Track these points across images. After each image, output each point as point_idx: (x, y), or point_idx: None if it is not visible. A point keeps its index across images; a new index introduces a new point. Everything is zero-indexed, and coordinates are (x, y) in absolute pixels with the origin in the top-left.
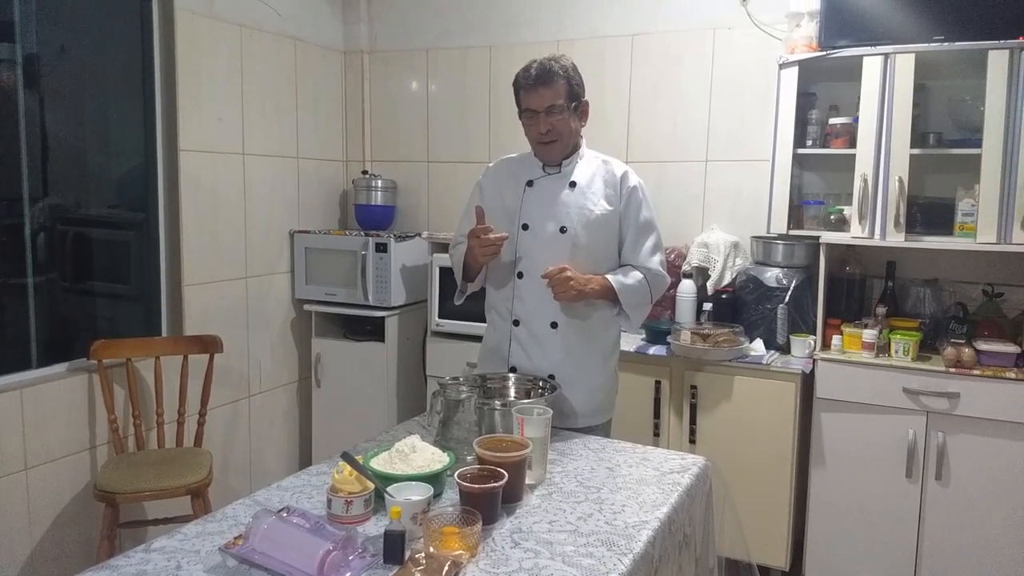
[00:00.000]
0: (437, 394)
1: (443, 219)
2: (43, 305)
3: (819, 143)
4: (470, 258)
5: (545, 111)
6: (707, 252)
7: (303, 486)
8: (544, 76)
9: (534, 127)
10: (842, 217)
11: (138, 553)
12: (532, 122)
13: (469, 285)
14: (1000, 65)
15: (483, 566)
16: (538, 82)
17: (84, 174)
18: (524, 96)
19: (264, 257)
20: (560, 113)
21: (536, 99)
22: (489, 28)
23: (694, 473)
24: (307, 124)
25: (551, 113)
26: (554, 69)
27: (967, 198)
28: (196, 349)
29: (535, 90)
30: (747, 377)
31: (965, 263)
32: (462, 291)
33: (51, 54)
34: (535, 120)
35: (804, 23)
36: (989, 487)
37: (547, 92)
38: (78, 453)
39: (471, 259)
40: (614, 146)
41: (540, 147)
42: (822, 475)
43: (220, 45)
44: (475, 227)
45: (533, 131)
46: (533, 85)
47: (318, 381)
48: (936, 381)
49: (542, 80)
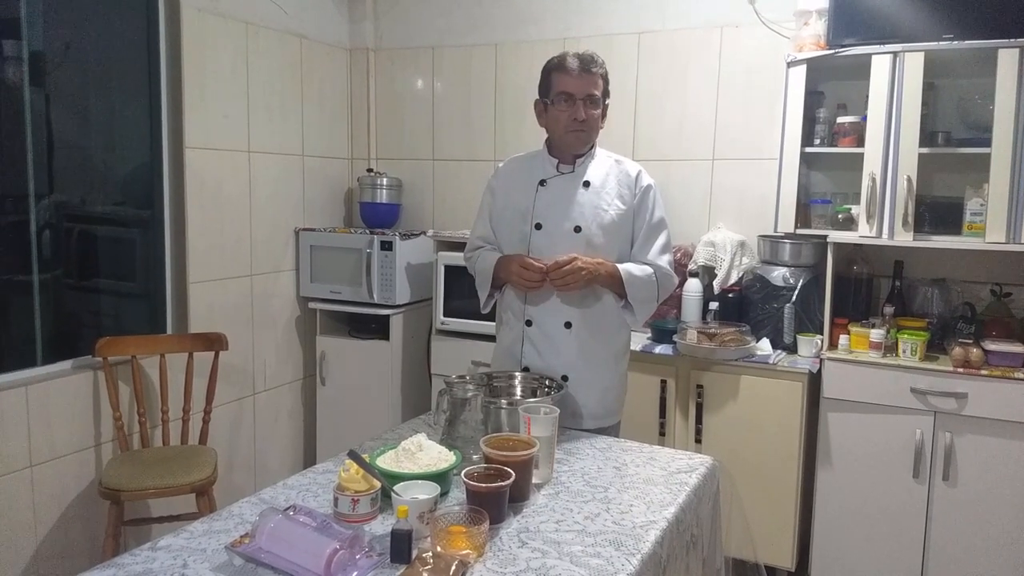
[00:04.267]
0: (443, 392)
1: (448, 217)
2: (48, 302)
3: (827, 142)
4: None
5: (584, 99)
6: (713, 251)
7: (309, 484)
8: (589, 64)
9: (568, 113)
10: (850, 216)
11: (144, 551)
12: (568, 108)
13: (497, 292)
14: (1010, 64)
15: (490, 565)
16: (583, 69)
17: (89, 171)
18: (563, 80)
19: (269, 255)
20: (596, 106)
21: (578, 84)
22: (494, 26)
23: (701, 473)
24: (312, 122)
25: (589, 103)
26: (597, 60)
27: (976, 197)
28: (201, 346)
29: (579, 76)
30: (754, 377)
31: (973, 263)
32: (491, 297)
33: (57, 51)
34: (573, 106)
35: (812, 21)
36: (997, 488)
37: (589, 80)
38: (83, 450)
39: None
40: (620, 144)
41: (570, 135)
42: (829, 475)
43: (226, 42)
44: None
45: (566, 116)
46: (578, 70)
47: (323, 379)
48: (944, 381)
49: (586, 67)
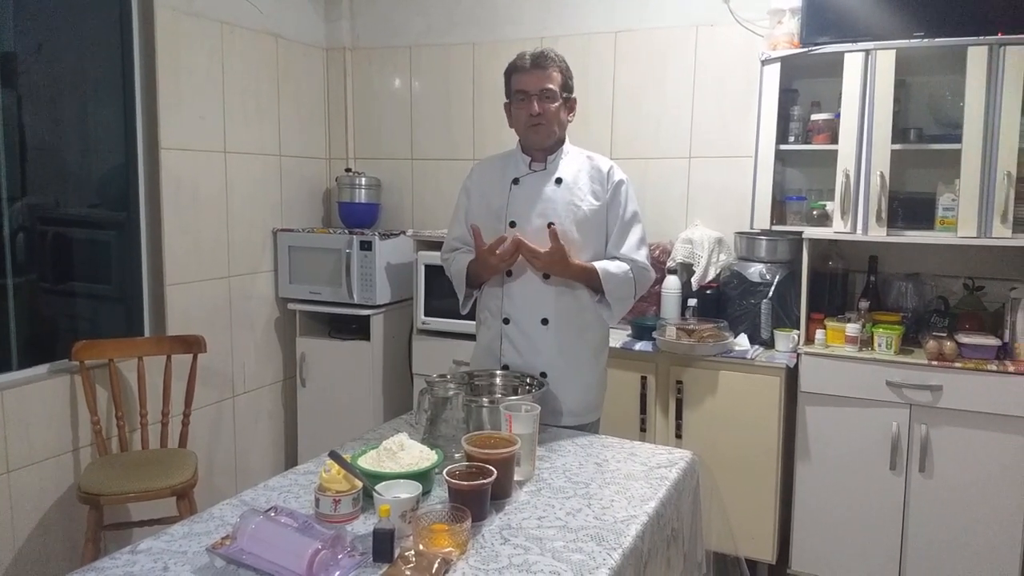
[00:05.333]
0: (424, 392)
1: (428, 216)
2: (23, 306)
3: (801, 139)
4: (483, 271)
5: (538, 94)
6: (691, 248)
7: (290, 485)
8: (540, 60)
9: (524, 109)
10: (824, 212)
11: (124, 555)
12: (523, 104)
13: (476, 292)
14: (979, 61)
15: (473, 563)
16: (534, 64)
17: (63, 173)
18: (518, 78)
19: (247, 256)
20: (552, 99)
21: (531, 80)
22: (472, 25)
23: (681, 468)
24: (289, 122)
25: (544, 98)
26: (550, 56)
27: (947, 193)
28: (179, 349)
29: (531, 72)
30: (732, 372)
31: (946, 257)
32: (468, 298)
33: (29, 52)
34: (527, 102)
35: (786, 20)
36: (972, 478)
37: (542, 75)
38: (61, 455)
39: (485, 271)
40: (598, 143)
41: (529, 130)
42: (807, 468)
43: (201, 42)
44: (483, 249)
45: (523, 113)
46: (529, 67)
47: (303, 380)
48: (919, 374)
49: (538, 63)
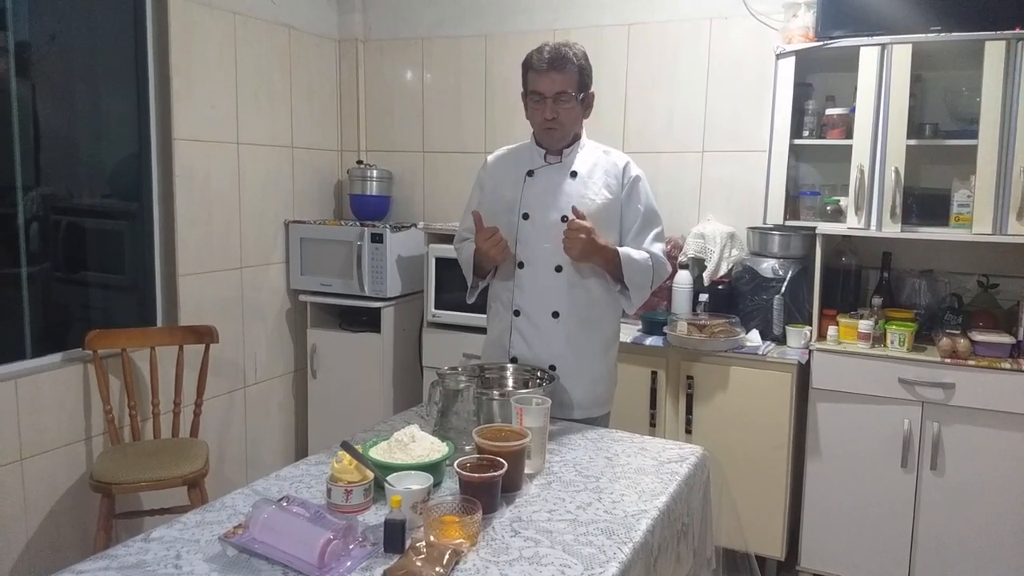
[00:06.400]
0: (436, 384)
1: (439, 209)
2: (37, 295)
3: (816, 134)
4: (482, 260)
5: (553, 97)
6: (703, 243)
7: (302, 476)
8: (558, 61)
9: (539, 112)
10: (838, 208)
11: (137, 543)
12: (538, 107)
13: (480, 282)
14: (996, 56)
15: (483, 555)
16: (551, 67)
17: (77, 163)
18: (534, 78)
19: (259, 247)
20: (568, 102)
21: (547, 83)
22: (484, 17)
23: (692, 463)
24: (301, 113)
25: (559, 101)
26: (568, 55)
27: (963, 189)
28: (192, 339)
29: (547, 74)
30: (743, 368)
31: (960, 254)
32: (474, 287)
33: (43, 42)
34: (541, 105)
35: (801, 13)
36: (984, 477)
37: (559, 78)
38: (74, 443)
39: (484, 260)
40: (610, 136)
41: (543, 132)
42: (818, 465)
43: (214, 33)
44: (478, 234)
45: (538, 116)
46: (546, 69)
47: (314, 372)
48: (931, 371)
49: (555, 65)
